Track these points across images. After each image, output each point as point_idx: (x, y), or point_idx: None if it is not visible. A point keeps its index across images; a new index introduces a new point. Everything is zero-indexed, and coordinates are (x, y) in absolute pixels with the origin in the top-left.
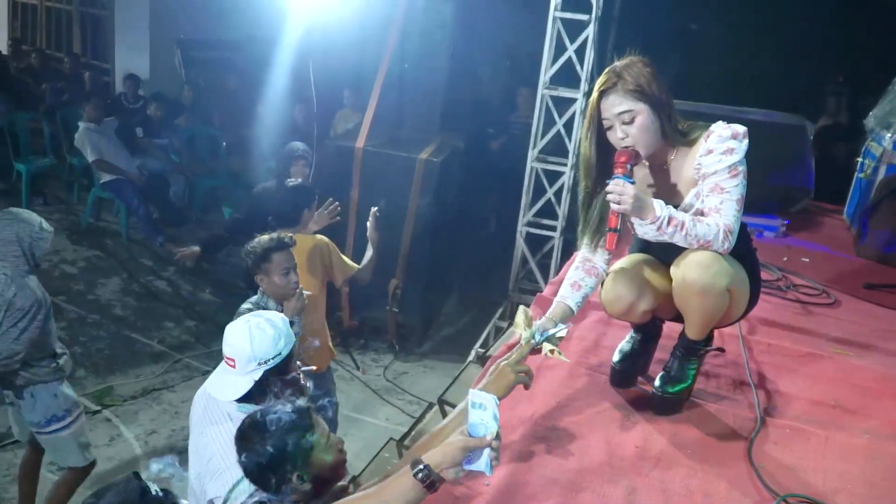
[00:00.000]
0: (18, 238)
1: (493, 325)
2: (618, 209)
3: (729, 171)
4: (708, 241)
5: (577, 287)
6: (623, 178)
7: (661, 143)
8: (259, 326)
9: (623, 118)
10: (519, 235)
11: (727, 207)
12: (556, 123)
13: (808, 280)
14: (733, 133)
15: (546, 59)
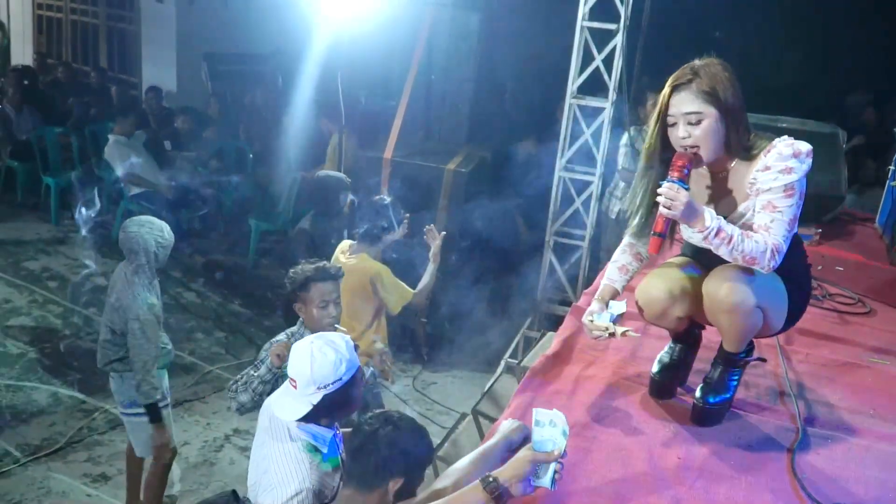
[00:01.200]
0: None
1: (523, 335)
2: (667, 213)
3: (784, 190)
4: (753, 258)
5: (625, 271)
6: (678, 183)
7: (722, 152)
8: (321, 350)
9: (690, 118)
10: (547, 245)
11: (777, 227)
12: (583, 133)
13: (843, 289)
14: (795, 151)
15: (574, 69)
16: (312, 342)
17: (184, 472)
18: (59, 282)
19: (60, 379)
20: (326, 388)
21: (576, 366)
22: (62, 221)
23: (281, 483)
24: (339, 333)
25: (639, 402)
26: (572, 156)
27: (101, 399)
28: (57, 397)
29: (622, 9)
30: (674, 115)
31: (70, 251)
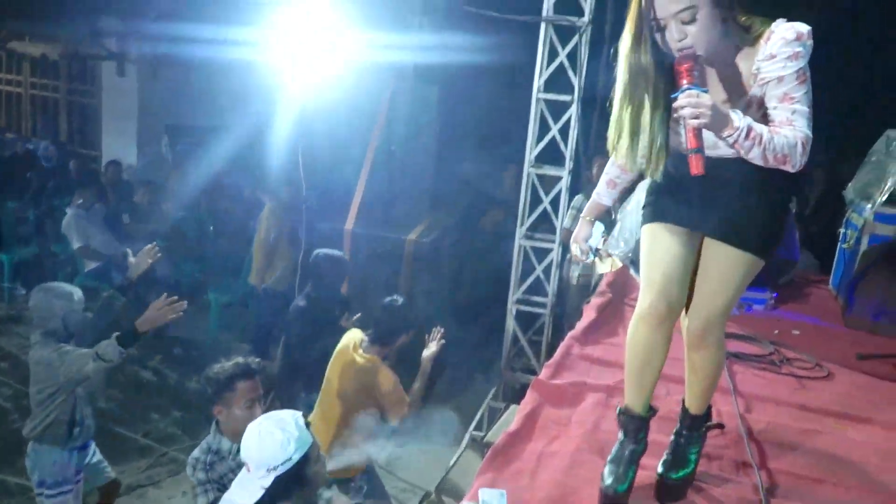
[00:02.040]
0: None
1: (487, 406)
2: (695, 124)
3: (797, 78)
4: (785, 155)
5: (613, 185)
6: (696, 88)
7: (722, 42)
8: (268, 430)
9: (682, 16)
10: (509, 313)
11: (800, 119)
12: (542, 201)
13: (801, 353)
14: (797, 34)
15: (531, 139)
16: (260, 423)
17: None
18: (9, 362)
19: (9, 466)
20: (276, 469)
21: (538, 442)
22: (15, 298)
23: None
24: (289, 411)
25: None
26: (532, 223)
27: None
28: (4, 486)
29: (576, 81)
30: (663, 18)
31: (24, 330)
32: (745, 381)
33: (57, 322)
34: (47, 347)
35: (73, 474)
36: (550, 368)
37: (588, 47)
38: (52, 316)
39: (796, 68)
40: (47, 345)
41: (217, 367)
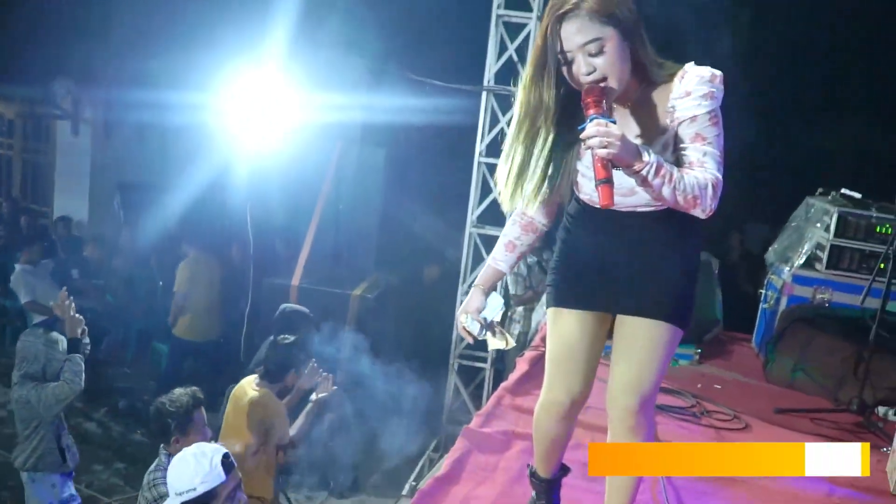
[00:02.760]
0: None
1: (427, 457)
2: (605, 153)
3: (710, 118)
4: (695, 196)
5: (512, 247)
6: (604, 118)
7: (631, 76)
8: (185, 459)
9: (589, 49)
10: (451, 368)
11: (711, 160)
12: (483, 260)
13: (721, 406)
14: (712, 75)
15: (473, 200)
16: (185, 451)
17: None
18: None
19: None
20: (181, 495)
21: (464, 486)
22: None
23: None
24: (216, 446)
25: None
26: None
27: None
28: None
29: None
30: (570, 51)
31: None
32: (666, 431)
33: (38, 366)
34: (24, 388)
35: (69, 499)
36: (481, 417)
37: None
38: (35, 359)
39: (709, 108)
40: (24, 385)
41: (168, 402)
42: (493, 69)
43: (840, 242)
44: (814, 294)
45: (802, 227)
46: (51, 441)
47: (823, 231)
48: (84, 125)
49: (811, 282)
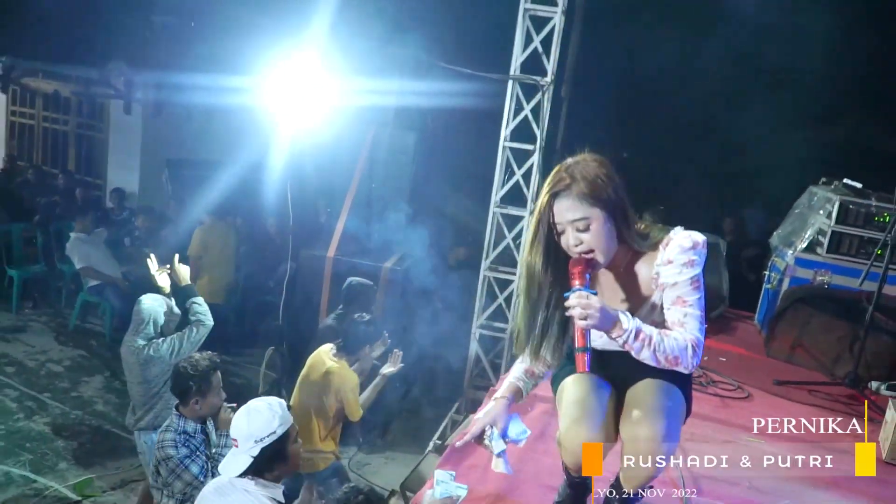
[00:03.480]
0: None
1: (450, 418)
2: (584, 325)
3: (691, 283)
4: (676, 357)
5: (531, 374)
6: (585, 290)
7: (617, 248)
8: (256, 409)
9: (577, 225)
10: (473, 337)
11: (691, 321)
12: (505, 237)
13: (725, 377)
14: (693, 243)
15: (497, 181)
16: (249, 404)
17: None
18: (16, 367)
19: (13, 459)
20: (262, 440)
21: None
22: (22, 311)
23: None
24: (273, 397)
25: (547, 474)
26: (496, 257)
27: (51, 478)
28: (9, 476)
29: (538, 131)
30: (560, 224)
31: (29, 338)
32: None
33: (157, 327)
34: (152, 347)
35: None
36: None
37: (550, 103)
38: (155, 322)
39: (691, 275)
40: (152, 345)
41: (189, 366)
42: (519, 59)
43: (840, 229)
44: (814, 276)
45: (805, 213)
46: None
47: (825, 218)
48: (135, 105)
49: (812, 265)
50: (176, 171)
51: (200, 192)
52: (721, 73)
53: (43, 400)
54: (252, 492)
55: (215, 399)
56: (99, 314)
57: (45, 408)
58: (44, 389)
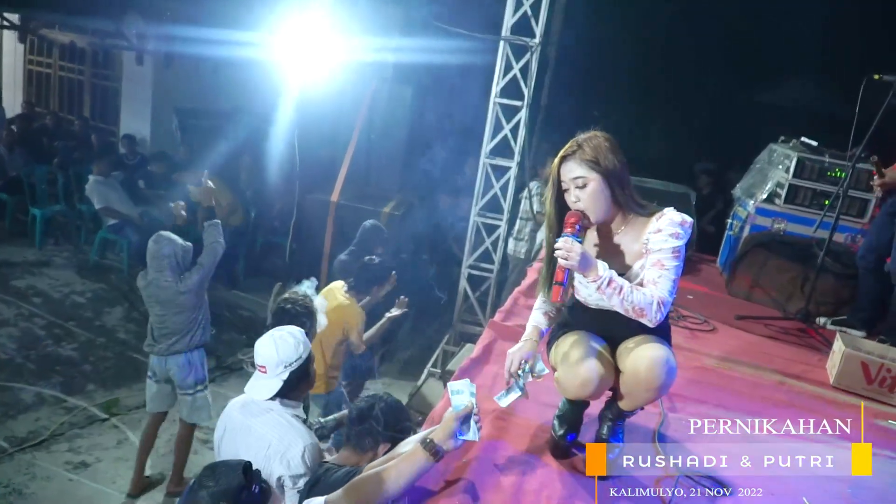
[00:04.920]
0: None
1: (442, 349)
2: (564, 264)
3: (672, 251)
4: (642, 309)
5: (549, 317)
6: (572, 237)
7: (612, 210)
8: (282, 338)
9: (577, 182)
10: (462, 276)
11: (664, 282)
12: (493, 186)
13: (693, 312)
14: (682, 221)
15: (487, 135)
16: (273, 334)
17: (153, 461)
18: (42, 298)
19: (44, 381)
20: (291, 365)
21: (493, 366)
22: (46, 247)
23: (288, 447)
24: (292, 326)
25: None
26: (484, 204)
27: (80, 398)
28: (41, 396)
29: (526, 90)
30: (565, 182)
31: (52, 272)
32: None
33: (178, 262)
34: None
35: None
36: (502, 313)
37: (537, 64)
38: (174, 256)
39: (674, 245)
40: (183, 278)
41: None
42: (510, 21)
43: (797, 182)
44: (772, 224)
45: (766, 168)
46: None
47: (784, 172)
48: (147, 56)
49: (771, 214)
50: (185, 120)
51: (209, 139)
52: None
53: (69, 328)
54: (277, 411)
55: None
56: (117, 251)
57: (72, 335)
58: (69, 318)
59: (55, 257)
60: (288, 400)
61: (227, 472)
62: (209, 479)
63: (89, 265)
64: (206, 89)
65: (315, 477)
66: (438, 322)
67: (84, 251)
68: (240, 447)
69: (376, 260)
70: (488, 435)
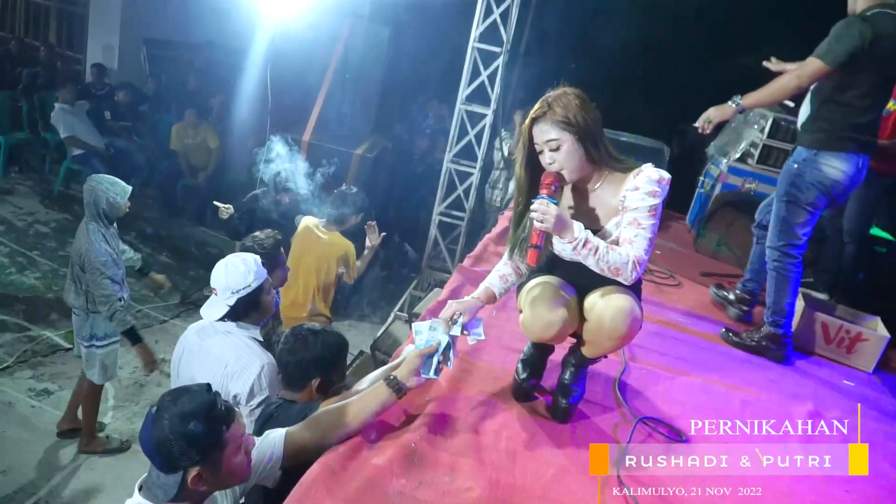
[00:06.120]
0: (96, 200)
1: (409, 294)
2: (540, 227)
3: (649, 210)
4: (617, 268)
5: (504, 280)
6: (547, 199)
7: (588, 168)
8: (234, 264)
9: (550, 145)
10: (433, 222)
11: (640, 241)
12: (468, 133)
13: (660, 266)
14: (660, 178)
15: (464, 80)
16: (228, 258)
17: (117, 391)
18: (5, 226)
19: (7, 309)
20: (239, 292)
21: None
22: (9, 174)
23: (245, 367)
24: (250, 254)
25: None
26: (458, 151)
27: (43, 327)
28: (4, 324)
29: (505, 36)
30: (538, 144)
31: (16, 201)
32: None
33: (99, 210)
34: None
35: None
36: (471, 259)
37: (518, 9)
38: (94, 203)
39: (651, 203)
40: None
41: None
42: None
43: (771, 143)
44: (743, 184)
45: (740, 128)
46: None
47: (759, 132)
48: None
49: (743, 173)
50: (153, 51)
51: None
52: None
53: (33, 257)
54: (234, 332)
55: (281, 272)
56: (81, 181)
57: (35, 264)
58: (33, 248)
59: (19, 185)
60: (244, 323)
61: (191, 394)
62: (172, 403)
63: (53, 195)
64: (176, 20)
65: (267, 412)
66: (407, 270)
67: (48, 180)
68: (196, 369)
69: (353, 189)
70: (452, 375)
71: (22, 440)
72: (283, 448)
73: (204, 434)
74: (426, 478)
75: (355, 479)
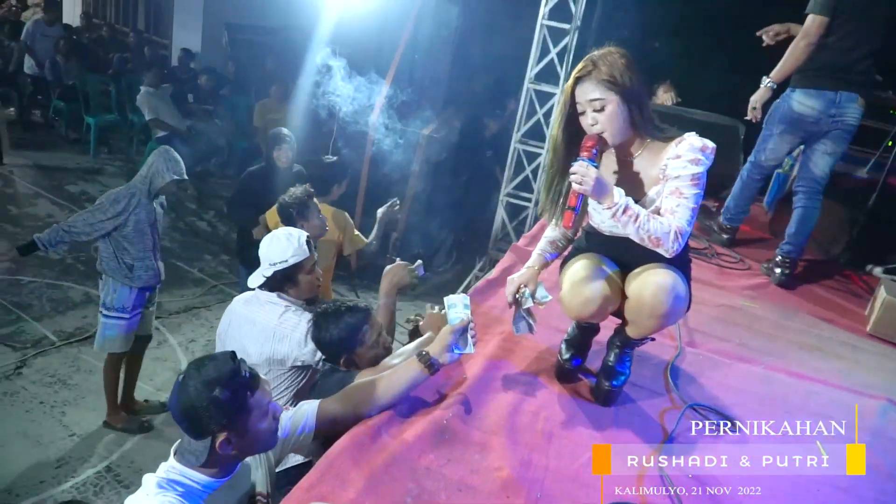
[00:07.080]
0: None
1: (474, 274)
2: (579, 189)
3: (692, 178)
4: (658, 238)
5: (555, 245)
6: (588, 161)
7: (631, 134)
8: (277, 236)
9: (594, 105)
10: (500, 203)
11: (683, 211)
12: (537, 113)
13: (729, 250)
14: (703, 146)
15: (532, 58)
16: (277, 231)
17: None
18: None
19: (92, 281)
20: (275, 265)
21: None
22: (99, 154)
23: (293, 328)
24: (301, 231)
25: (556, 318)
26: (527, 131)
27: None
28: (88, 295)
29: (575, 11)
30: (581, 104)
31: (104, 179)
32: None
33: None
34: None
35: (131, 308)
36: (526, 238)
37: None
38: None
39: (694, 171)
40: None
41: (288, 196)
42: None
43: None
44: None
45: None
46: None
47: None
48: None
49: None
50: (234, 35)
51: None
52: None
53: None
54: (276, 302)
55: (316, 221)
56: None
57: None
58: None
59: (108, 165)
60: (286, 296)
61: (216, 362)
62: (197, 371)
63: None
64: (255, 4)
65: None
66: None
67: (134, 161)
68: (244, 337)
69: (331, 158)
70: (493, 354)
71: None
72: (315, 420)
73: (229, 399)
74: (455, 455)
75: (383, 452)
